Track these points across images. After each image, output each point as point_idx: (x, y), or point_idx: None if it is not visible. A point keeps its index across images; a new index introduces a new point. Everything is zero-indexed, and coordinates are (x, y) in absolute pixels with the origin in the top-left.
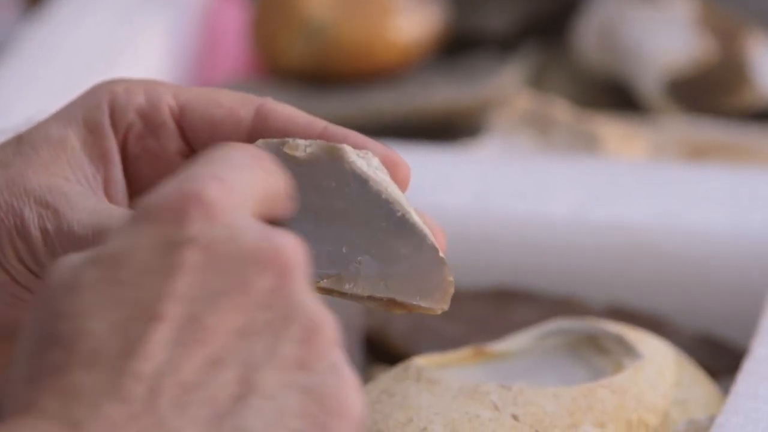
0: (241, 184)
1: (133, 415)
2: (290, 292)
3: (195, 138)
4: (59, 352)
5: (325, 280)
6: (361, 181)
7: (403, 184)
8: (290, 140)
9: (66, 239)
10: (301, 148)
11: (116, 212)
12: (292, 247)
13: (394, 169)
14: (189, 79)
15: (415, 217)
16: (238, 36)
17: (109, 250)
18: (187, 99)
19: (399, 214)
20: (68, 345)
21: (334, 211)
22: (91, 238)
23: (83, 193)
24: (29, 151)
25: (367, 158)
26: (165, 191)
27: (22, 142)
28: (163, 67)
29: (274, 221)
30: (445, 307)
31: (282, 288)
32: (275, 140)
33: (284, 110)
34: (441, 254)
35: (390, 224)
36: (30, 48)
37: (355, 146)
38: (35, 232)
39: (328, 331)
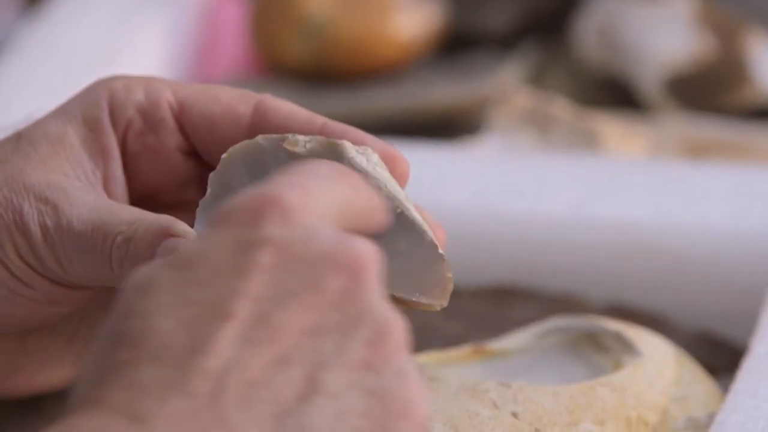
0: (322, 193)
1: (197, 410)
2: (362, 294)
3: (194, 134)
4: (127, 349)
5: None
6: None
7: (402, 180)
8: (290, 136)
9: (65, 235)
10: (301, 143)
11: (115, 208)
12: (367, 251)
13: (393, 165)
14: (188, 77)
15: (415, 214)
16: (237, 34)
17: (185, 253)
18: (186, 95)
19: (398, 210)
20: (136, 342)
21: None
22: (90, 233)
23: (82, 189)
24: (28, 148)
25: (367, 154)
26: (245, 196)
27: (21, 138)
28: (162, 65)
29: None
30: (445, 303)
31: (354, 290)
32: (275, 136)
33: (283, 106)
34: (440, 250)
35: (391, 219)
36: (29, 46)
37: (355, 142)
38: (34, 228)
39: (398, 334)
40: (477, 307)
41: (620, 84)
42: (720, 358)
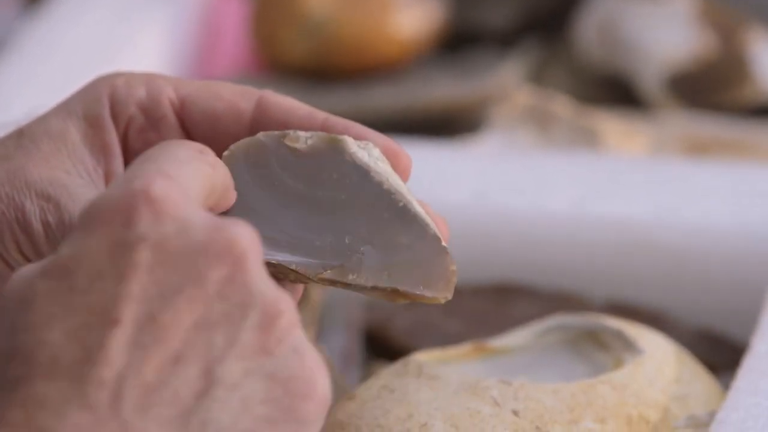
0: (187, 179)
1: (98, 421)
2: (245, 280)
3: (195, 131)
4: (19, 365)
5: (328, 272)
6: (363, 172)
7: (404, 174)
8: (291, 132)
9: (67, 231)
10: (302, 139)
11: None
12: (243, 234)
13: (395, 160)
14: (189, 75)
15: (417, 207)
16: (238, 32)
17: (60, 258)
18: (187, 92)
19: (401, 204)
20: (27, 357)
21: (336, 203)
22: None
23: (84, 185)
24: (30, 145)
25: (368, 149)
26: (111, 192)
27: (22, 135)
28: (163, 63)
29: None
30: (449, 296)
31: (236, 277)
32: (276, 132)
33: (285, 102)
34: (443, 243)
35: (392, 214)
36: (30, 44)
37: (356, 137)
38: (37, 225)
39: (287, 314)
40: (477, 305)
41: (621, 82)
42: (720, 355)
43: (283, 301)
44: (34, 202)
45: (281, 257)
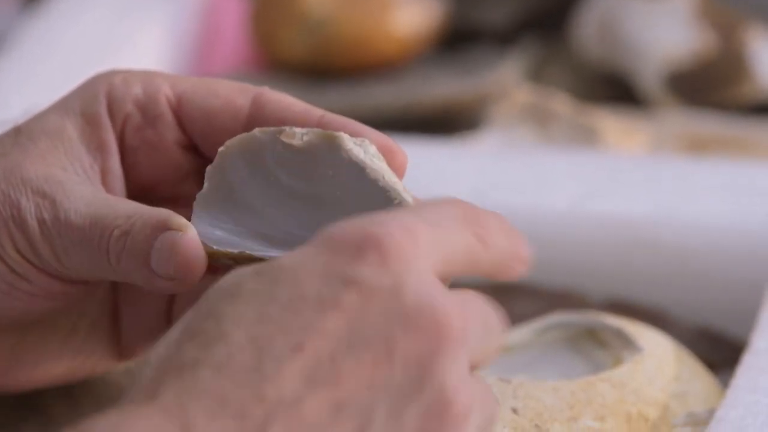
0: (432, 240)
1: None
2: (436, 363)
3: (193, 128)
4: (194, 349)
5: None
6: (358, 169)
7: (399, 172)
8: (287, 128)
9: (63, 228)
10: (298, 136)
11: (113, 202)
12: (455, 317)
13: (390, 157)
14: (188, 73)
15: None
16: (237, 30)
17: (276, 264)
18: (184, 89)
19: (396, 201)
20: (205, 344)
21: (331, 199)
22: (88, 227)
23: (80, 183)
24: (26, 142)
25: (364, 146)
26: (351, 225)
27: (20, 133)
28: (162, 61)
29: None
30: None
31: (427, 358)
32: (272, 128)
33: (282, 99)
34: None
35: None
36: (29, 42)
37: (352, 134)
38: (32, 222)
39: (460, 409)
40: None
41: (620, 80)
42: (720, 353)
43: (465, 398)
44: (30, 199)
45: (275, 254)
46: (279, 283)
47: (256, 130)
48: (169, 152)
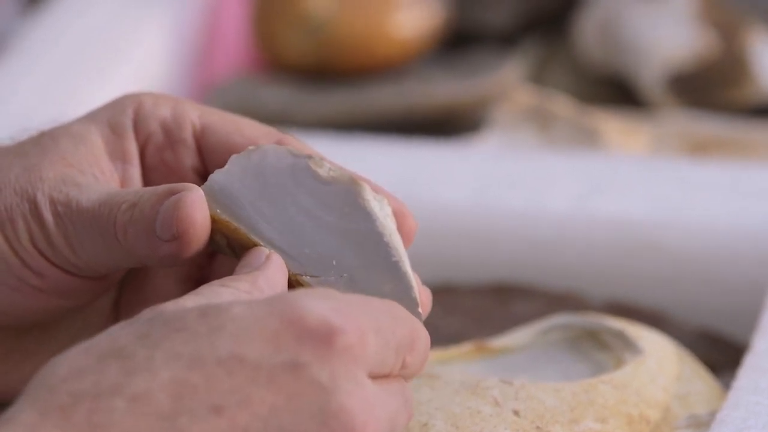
0: (376, 351)
1: None
2: None
3: (211, 159)
4: (118, 373)
5: (306, 276)
6: (371, 219)
7: (407, 238)
8: (317, 157)
9: (75, 216)
10: (326, 168)
11: (124, 189)
12: (372, 426)
13: (401, 220)
14: (190, 74)
15: (408, 269)
16: (239, 31)
17: (226, 310)
18: (211, 121)
19: (394, 259)
20: (131, 370)
21: (338, 230)
22: (98, 207)
23: (97, 183)
24: (49, 143)
25: (382, 203)
26: (317, 304)
27: (43, 135)
28: (163, 62)
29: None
30: None
31: None
32: (304, 152)
33: (305, 147)
34: (419, 310)
35: (384, 264)
36: (29, 43)
37: (373, 190)
38: (47, 215)
39: None
40: (477, 304)
41: (621, 81)
42: (721, 355)
43: None
44: (46, 194)
45: (265, 249)
46: (223, 334)
47: (289, 147)
48: (184, 177)
